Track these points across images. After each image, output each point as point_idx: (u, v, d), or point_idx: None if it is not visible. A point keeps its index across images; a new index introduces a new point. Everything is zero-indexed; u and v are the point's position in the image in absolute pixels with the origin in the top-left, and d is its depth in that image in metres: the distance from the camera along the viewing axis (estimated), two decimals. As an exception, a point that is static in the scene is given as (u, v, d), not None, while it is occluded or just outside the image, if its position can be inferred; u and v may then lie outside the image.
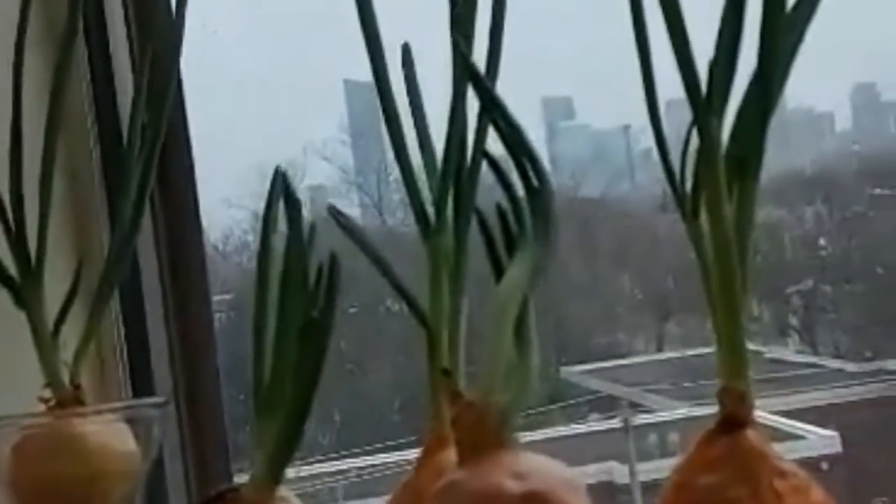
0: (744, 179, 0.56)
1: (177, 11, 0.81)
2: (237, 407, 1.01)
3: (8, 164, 0.77)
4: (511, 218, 0.59)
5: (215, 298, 1.06)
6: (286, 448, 0.57)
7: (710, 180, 0.55)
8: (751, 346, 0.55)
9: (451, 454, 0.57)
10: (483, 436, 0.51)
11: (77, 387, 0.77)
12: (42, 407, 0.76)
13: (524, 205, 0.57)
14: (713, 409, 0.54)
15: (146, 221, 0.94)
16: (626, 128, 2.94)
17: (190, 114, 1.00)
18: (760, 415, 0.55)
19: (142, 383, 0.96)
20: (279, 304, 0.58)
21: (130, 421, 0.76)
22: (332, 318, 0.55)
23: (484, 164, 0.64)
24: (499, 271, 0.59)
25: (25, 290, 0.77)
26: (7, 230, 0.77)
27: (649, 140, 0.61)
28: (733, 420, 0.54)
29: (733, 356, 0.54)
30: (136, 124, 0.82)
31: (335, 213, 0.63)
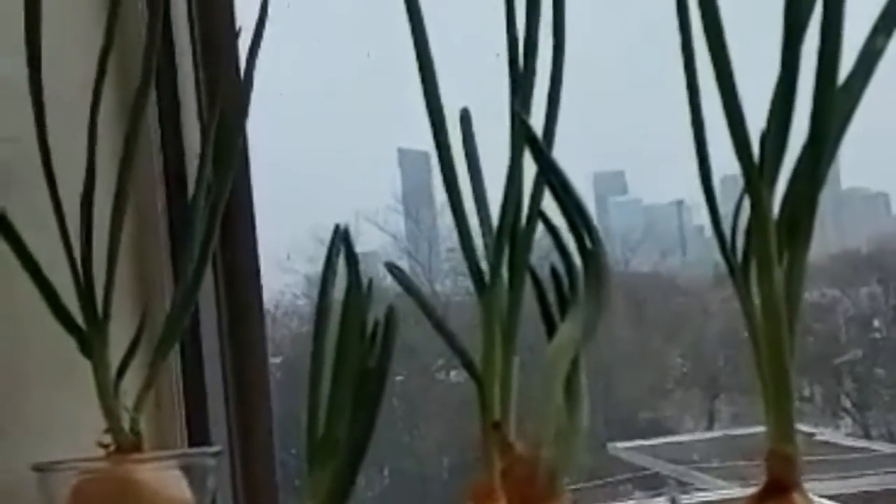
0: (794, 248, 0.57)
1: (245, 73, 0.84)
2: (284, 467, 1.02)
3: (79, 219, 0.80)
4: (564, 277, 0.60)
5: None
6: (339, 496, 0.58)
7: (760, 247, 0.57)
8: (802, 427, 0.56)
9: (499, 507, 0.58)
10: (533, 489, 0.52)
11: (136, 433, 0.78)
12: (101, 452, 0.78)
13: (577, 264, 0.59)
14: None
15: (208, 276, 0.96)
16: (679, 203, 2.93)
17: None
18: (813, 498, 0.55)
19: (198, 433, 0.97)
20: (336, 355, 0.60)
21: (186, 469, 0.78)
22: (388, 368, 0.56)
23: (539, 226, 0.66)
24: (551, 329, 0.60)
25: (91, 340, 0.79)
26: (77, 282, 0.79)
27: (702, 216, 0.62)
28: (780, 483, 0.54)
29: (780, 420, 0.54)
30: (203, 182, 0.85)
31: (392, 268, 0.65)
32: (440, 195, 0.69)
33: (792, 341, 0.55)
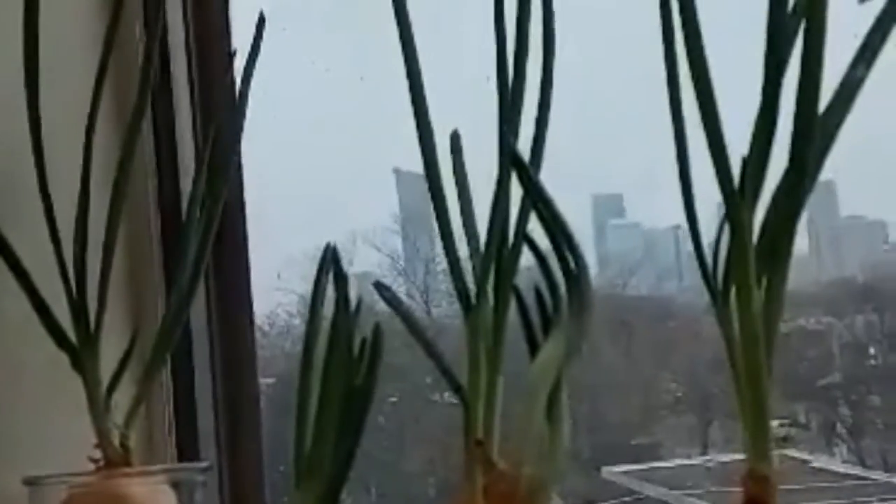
0: (773, 272, 0.58)
1: (240, 94, 0.85)
2: (273, 487, 1.02)
3: (73, 235, 0.81)
4: (548, 298, 0.61)
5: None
6: (324, 510, 0.59)
7: (739, 271, 0.58)
8: (796, 454, 0.57)
9: (480, 523, 0.58)
10: (513, 504, 0.53)
11: (126, 448, 0.79)
12: (91, 466, 0.79)
13: (561, 286, 0.60)
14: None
15: (199, 294, 0.97)
16: (676, 228, 2.93)
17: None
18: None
19: (187, 449, 0.98)
20: (324, 373, 0.61)
21: (175, 484, 0.79)
22: (373, 386, 0.57)
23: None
24: (534, 349, 0.61)
25: (83, 355, 0.80)
26: (69, 297, 0.80)
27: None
28: (757, 503, 0.55)
29: (757, 440, 0.55)
30: (196, 200, 0.86)
31: (380, 287, 0.66)
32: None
33: (769, 364, 0.56)
